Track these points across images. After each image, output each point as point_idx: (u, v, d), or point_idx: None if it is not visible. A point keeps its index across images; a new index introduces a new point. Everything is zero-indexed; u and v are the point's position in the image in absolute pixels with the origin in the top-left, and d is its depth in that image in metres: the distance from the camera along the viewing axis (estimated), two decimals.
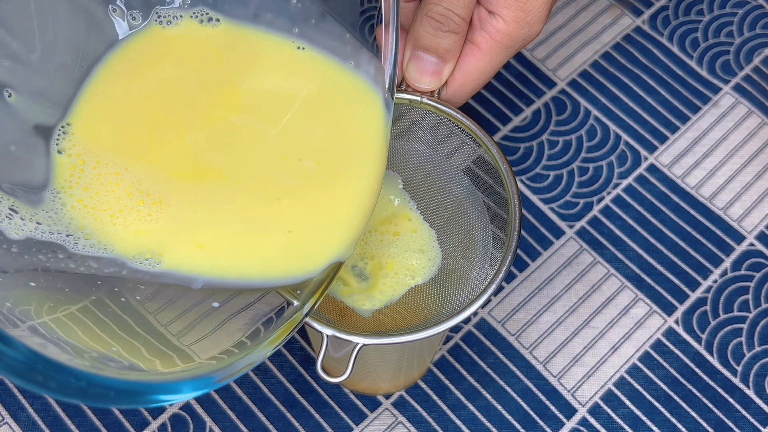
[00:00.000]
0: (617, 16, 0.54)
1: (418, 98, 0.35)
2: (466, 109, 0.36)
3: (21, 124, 0.27)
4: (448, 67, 0.35)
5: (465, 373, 0.43)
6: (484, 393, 0.43)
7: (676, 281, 0.46)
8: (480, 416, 0.42)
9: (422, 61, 0.35)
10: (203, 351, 0.28)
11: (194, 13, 0.30)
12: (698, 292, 0.45)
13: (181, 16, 0.30)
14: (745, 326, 0.45)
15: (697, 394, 0.43)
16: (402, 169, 0.37)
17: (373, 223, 0.36)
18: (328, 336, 0.30)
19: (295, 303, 0.29)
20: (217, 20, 0.30)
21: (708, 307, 0.45)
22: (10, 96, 0.27)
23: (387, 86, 0.31)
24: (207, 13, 0.30)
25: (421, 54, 0.35)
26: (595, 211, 0.48)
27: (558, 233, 0.47)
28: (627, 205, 0.48)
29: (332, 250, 0.29)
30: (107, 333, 0.26)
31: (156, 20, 0.30)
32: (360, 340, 0.30)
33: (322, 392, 0.43)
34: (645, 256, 0.46)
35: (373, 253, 0.36)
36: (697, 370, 0.44)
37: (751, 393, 0.43)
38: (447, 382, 0.43)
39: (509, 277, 0.46)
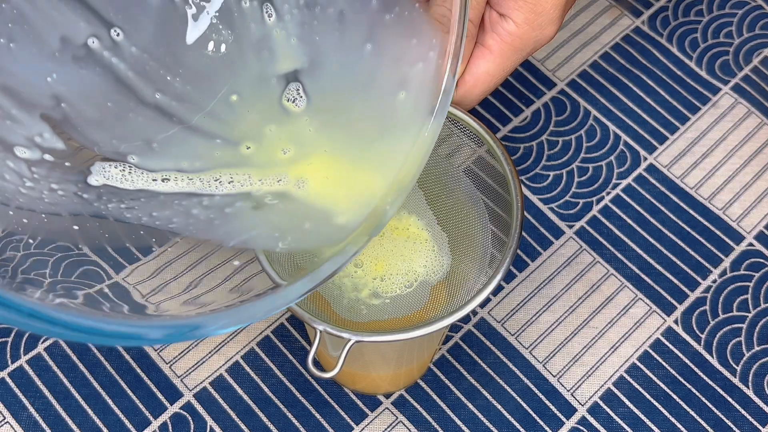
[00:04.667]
0: (617, 17, 0.54)
1: None
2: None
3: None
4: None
5: (465, 373, 0.44)
6: (484, 393, 0.43)
7: (676, 281, 0.46)
8: (480, 416, 0.43)
9: None
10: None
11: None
12: (697, 292, 0.46)
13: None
14: (744, 326, 0.45)
15: (697, 393, 0.43)
16: None
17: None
18: (320, 331, 0.31)
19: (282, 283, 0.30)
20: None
21: (707, 307, 0.45)
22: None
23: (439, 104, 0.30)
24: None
25: None
26: (595, 211, 0.48)
27: (558, 233, 0.47)
28: (626, 205, 0.48)
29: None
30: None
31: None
32: (352, 337, 0.31)
33: (322, 392, 0.43)
34: (644, 256, 0.46)
35: (382, 254, 0.36)
36: (696, 369, 0.44)
37: (750, 392, 0.43)
38: (447, 381, 0.43)
39: (509, 277, 0.46)
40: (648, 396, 0.43)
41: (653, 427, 0.42)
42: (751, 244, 0.47)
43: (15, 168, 0.28)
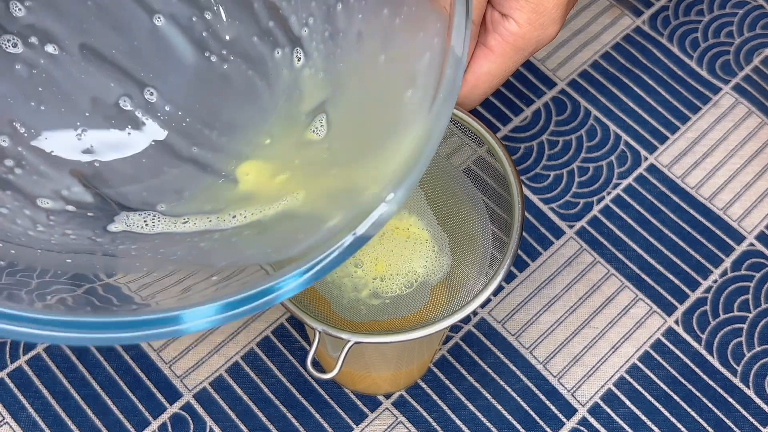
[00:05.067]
0: (617, 17, 0.54)
1: None
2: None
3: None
4: None
5: (465, 373, 0.43)
6: (484, 393, 0.43)
7: (676, 281, 0.46)
8: (480, 416, 0.42)
9: None
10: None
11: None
12: (698, 292, 0.45)
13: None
14: (745, 326, 0.45)
15: (697, 394, 0.43)
16: None
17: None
18: (320, 332, 0.31)
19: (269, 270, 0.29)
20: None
21: (708, 307, 0.45)
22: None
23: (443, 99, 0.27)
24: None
25: None
26: (595, 211, 0.48)
27: (558, 233, 0.47)
28: (627, 205, 0.48)
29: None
30: None
31: None
32: (352, 338, 0.31)
33: (322, 392, 0.43)
34: (645, 256, 0.46)
35: (382, 254, 0.36)
36: (697, 370, 0.44)
37: (750, 393, 0.43)
38: (447, 382, 0.43)
39: (509, 277, 0.46)
40: (648, 396, 0.43)
41: (654, 428, 0.42)
42: (751, 244, 0.47)
43: (30, 215, 0.28)
